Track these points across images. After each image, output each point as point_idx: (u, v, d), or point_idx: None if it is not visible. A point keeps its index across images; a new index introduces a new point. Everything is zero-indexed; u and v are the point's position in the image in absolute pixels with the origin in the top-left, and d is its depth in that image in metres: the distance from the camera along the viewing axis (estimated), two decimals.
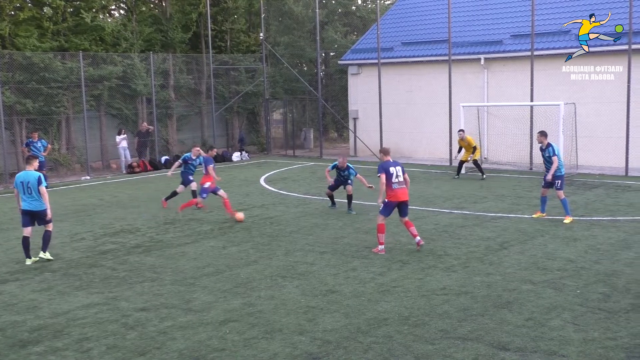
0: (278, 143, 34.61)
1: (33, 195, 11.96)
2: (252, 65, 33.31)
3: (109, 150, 27.94)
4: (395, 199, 11.98)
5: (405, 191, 12.09)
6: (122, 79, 27.55)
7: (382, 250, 12.09)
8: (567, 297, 9.37)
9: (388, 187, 12.00)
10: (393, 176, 11.97)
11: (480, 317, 8.66)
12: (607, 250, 11.96)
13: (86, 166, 25.92)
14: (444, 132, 25.81)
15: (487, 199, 17.70)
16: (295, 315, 8.94)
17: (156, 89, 28.44)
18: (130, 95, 28.48)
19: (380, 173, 12.06)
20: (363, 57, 29.87)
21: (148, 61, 27.82)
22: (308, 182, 22.10)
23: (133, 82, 27.77)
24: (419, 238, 12.20)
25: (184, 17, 31.21)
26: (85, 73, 25.47)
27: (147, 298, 9.93)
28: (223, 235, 14.20)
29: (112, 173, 26.37)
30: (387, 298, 9.57)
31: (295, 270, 11.19)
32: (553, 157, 14.47)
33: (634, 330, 8.06)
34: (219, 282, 10.67)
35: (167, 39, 30.67)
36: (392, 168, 12.04)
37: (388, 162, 12.21)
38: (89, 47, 26.88)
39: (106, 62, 27.01)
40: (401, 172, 12.09)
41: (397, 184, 12.00)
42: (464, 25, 27.43)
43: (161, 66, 29.22)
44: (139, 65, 27.87)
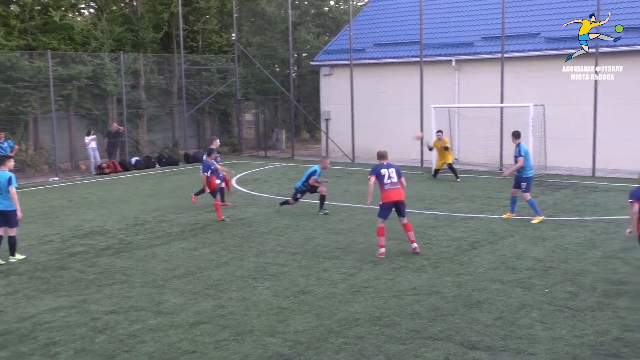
0: (250, 144, 34.52)
1: (3, 195, 11.94)
2: (224, 65, 33.18)
3: (78, 151, 27.62)
4: (388, 200, 11.92)
5: (399, 191, 11.95)
6: (92, 79, 27.23)
7: (382, 254, 11.99)
8: (535, 296, 9.49)
9: (381, 189, 11.99)
10: (385, 177, 11.90)
11: (450, 317, 8.73)
12: (574, 249, 12.14)
13: (54, 167, 25.58)
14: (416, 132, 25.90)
15: (458, 199, 17.85)
16: (267, 317, 8.93)
17: (127, 89, 28.17)
18: (100, 96, 28.17)
19: (370, 175, 12.06)
20: (335, 58, 29.92)
21: (118, 61, 27.55)
22: (280, 183, 22.08)
23: (103, 82, 27.48)
24: (415, 245, 12.13)
25: (155, 17, 30.98)
26: (54, 72, 25.13)
27: (117, 301, 9.83)
28: (194, 236, 14.11)
29: (81, 174, 26.06)
30: (358, 299, 9.60)
31: (266, 272, 11.17)
32: (518, 157, 14.67)
33: (600, 328, 8.20)
34: (190, 283, 10.61)
35: (138, 39, 30.41)
36: (383, 170, 11.98)
37: (381, 164, 12.14)
38: (57, 46, 26.54)
39: (75, 61, 26.68)
40: (395, 173, 11.99)
41: (390, 184, 11.90)
42: (436, 27, 27.64)
43: (132, 66, 28.96)
44: (109, 65, 27.58)
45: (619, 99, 22.41)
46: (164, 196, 19.72)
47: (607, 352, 7.52)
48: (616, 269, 10.82)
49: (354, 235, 13.76)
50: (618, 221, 14.45)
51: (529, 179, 14.73)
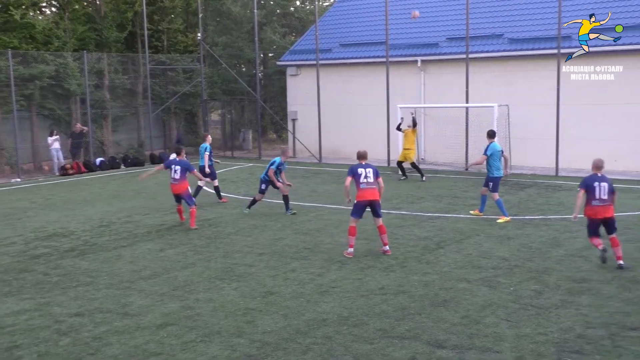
0: (216, 144, 34.29)
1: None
2: (190, 65, 32.93)
3: (41, 151, 27.14)
4: (363, 199, 11.88)
5: (374, 191, 11.89)
6: (55, 79, 26.79)
7: (350, 254, 11.96)
8: (501, 295, 9.61)
9: (357, 188, 11.97)
10: (361, 177, 11.86)
11: (417, 316, 8.80)
12: (538, 248, 12.33)
13: (17, 168, 25.10)
14: (382, 133, 26.09)
15: (424, 199, 17.99)
16: (234, 318, 8.89)
17: (90, 89, 27.79)
18: (63, 95, 27.73)
19: (348, 175, 12.04)
20: (301, 58, 29.94)
21: (82, 60, 27.15)
22: (247, 183, 22.00)
23: (66, 82, 27.05)
24: (387, 248, 12.13)
25: (119, 16, 30.60)
26: (15, 72, 24.66)
27: (81, 303, 9.69)
28: (160, 237, 13.99)
29: (44, 175, 25.63)
30: (326, 299, 9.62)
31: (233, 272, 11.13)
32: (482, 155, 14.96)
33: (564, 326, 8.34)
34: (156, 285, 10.51)
35: (102, 38, 30.01)
36: (360, 169, 11.94)
37: (359, 164, 12.11)
38: (18, 45, 26.05)
39: (37, 61, 26.22)
40: (372, 173, 11.93)
41: (366, 184, 11.87)
42: (401, 27, 27.81)
43: (95, 66, 28.57)
44: (72, 65, 27.16)
45: (581, 99, 22.84)
46: (130, 197, 19.51)
47: (570, 349, 7.65)
48: (579, 267, 11.02)
49: (321, 236, 13.77)
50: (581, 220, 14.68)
51: (496, 179, 14.87)
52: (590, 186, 10.93)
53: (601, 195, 10.88)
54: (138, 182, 16.42)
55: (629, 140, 22.27)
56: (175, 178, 15.01)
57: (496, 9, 26.44)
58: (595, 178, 11.02)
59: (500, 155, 14.91)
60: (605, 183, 10.95)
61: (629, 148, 22.30)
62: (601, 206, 10.90)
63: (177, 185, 15.03)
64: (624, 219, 14.69)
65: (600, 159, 11.27)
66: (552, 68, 22.07)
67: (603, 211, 10.92)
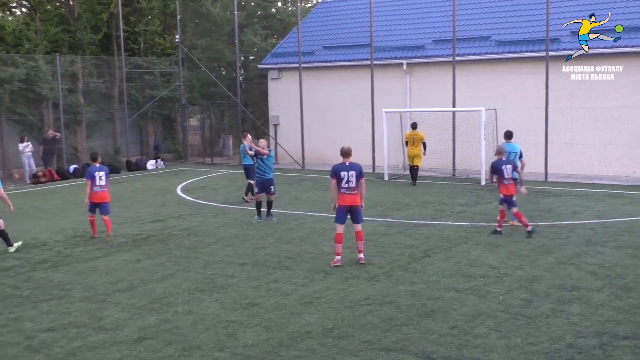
0: (195, 150, 34.21)
1: None
2: (168, 68, 32.84)
3: (11, 158, 26.90)
4: (343, 203, 11.87)
5: (354, 198, 11.87)
6: (25, 82, 26.57)
7: (337, 262, 11.91)
8: (490, 304, 9.66)
9: (338, 192, 11.94)
10: (343, 181, 11.83)
11: (404, 327, 8.81)
12: (528, 255, 12.41)
13: None
14: (367, 138, 26.15)
15: (410, 206, 18.05)
16: (215, 331, 8.85)
17: (64, 93, 27.61)
18: (35, 100, 27.53)
19: (331, 177, 11.99)
20: (283, 61, 29.96)
21: (54, 63, 26.98)
22: (227, 190, 21.95)
23: (38, 86, 26.85)
24: (362, 255, 12.11)
25: (94, 17, 30.47)
26: None
27: (54, 317, 9.60)
28: (137, 248, 13.91)
29: (15, 183, 25.39)
30: (309, 310, 9.60)
31: (214, 284, 11.09)
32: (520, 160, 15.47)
33: (554, 335, 8.40)
34: (133, 297, 10.44)
35: (76, 40, 29.85)
36: (343, 172, 11.86)
37: (342, 164, 11.99)
38: None
39: (7, 63, 26.01)
40: (355, 177, 11.87)
41: (347, 189, 11.84)
42: (386, 29, 27.94)
43: (69, 69, 28.41)
44: (44, 68, 26.97)
45: (570, 104, 23.06)
46: None
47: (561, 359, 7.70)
48: (569, 274, 11.10)
49: (304, 245, 13.76)
50: (570, 226, 14.85)
51: None
52: (499, 169, 14.08)
53: (507, 175, 14.09)
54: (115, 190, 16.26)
55: (618, 145, 22.51)
56: (102, 185, 14.86)
57: (483, 11, 26.66)
58: (501, 162, 14.14)
59: (509, 156, 15.20)
60: (509, 165, 14.20)
61: (620, 153, 22.54)
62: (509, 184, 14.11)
63: (104, 192, 14.92)
64: (614, 225, 14.85)
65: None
66: (541, 71, 22.26)
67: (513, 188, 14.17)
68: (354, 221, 12.08)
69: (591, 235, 13.95)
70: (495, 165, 14.21)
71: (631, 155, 22.38)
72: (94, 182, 14.84)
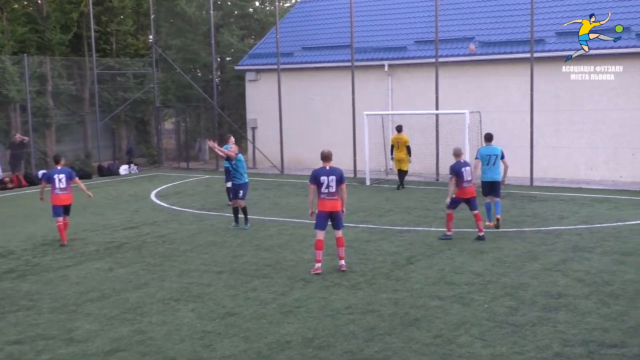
0: (170, 155, 34.06)
1: None
2: (141, 70, 32.68)
3: None
4: (323, 209, 11.89)
5: (335, 203, 11.90)
6: None
7: (318, 270, 11.90)
8: (475, 312, 9.69)
9: (318, 197, 11.94)
10: (323, 186, 11.83)
11: (387, 337, 8.82)
12: (513, 262, 12.48)
13: None
14: (348, 142, 26.18)
15: (393, 211, 18.09)
16: (191, 342, 8.80)
17: (32, 96, 27.37)
18: (1, 103, 27.28)
19: (310, 183, 11.98)
20: (261, 63, 29.94)
21: (22, 64, 26.72)
22: (203, 196, 21.87)
23: (4, 88, 26.60)
24: (343, 262, 12.10)
25: (63, 17, 30.26)
26: None
27: (22, 329, 9.49)
28: (110, 256, 13.80)
29: None
30: (289, 319, 9.58)
31: (190, 293, 11.02)
32: None
33: (541, 344, 8.44)
34: (105, 308, 10.35)
35: (44, 40, 29.62)
36: (323, 177, 11.86)
37: (322, 169, 11.98)
38: None
39: None
40: (335, 182, 11.88)
41: (327, 194, 11.86)
42: (367, 30, 28.03)
43: (37, 70, 28.18)
44: (10, 69, 26.72)
45: (556, 106, 23.27)
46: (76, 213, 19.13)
47: None
48: (556, 281, 11.18)
49: (284, 252, 13.74)
50: (557, 232, 14.96)
51: (481, 183, 16.02)
52: (459, 172, 14.28)
53: (467, 177, 14.37)
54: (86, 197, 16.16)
55: (605, 148, 22.73)
56: (62, 187, 15.09)
57: (467, 11, 26.83)
58: (461, 164, 14.39)
59: (489, 159, 15.92)
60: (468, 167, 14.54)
61: (606, 156, 22.77)
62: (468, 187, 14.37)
63: (66, 195, 15.20)
64: (601, 231, 14.99)
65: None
66: (526, 73, 22.44)
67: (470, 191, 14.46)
68: (334, 227, 12.09)
69: (578, 241, 14.07)
70: (455, 167, 14.39)
71: (617, 159, 22.62)
72: (54, 185, 15.05)
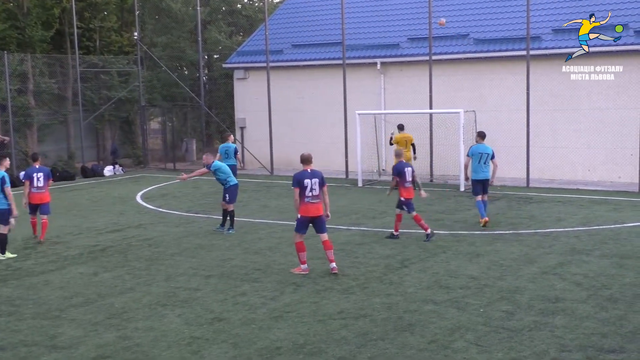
0: (156, 155, 34.00)
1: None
2: (126, 68, 32.59)
3: None
4: (306, 214, 11.96)
5: (318, 206, 11.99)
6: None
7: (305, 270, 12.09)
8: (470, 317, 9.74)
9: (301, 201, 11.99)
10: (307, 189, 11.89)
11: (380, 342, 8.85)
12: (509, 265, 12.54)
13: None
14: (340, 142, 26.22)
15: (386, 213, 18.12)
16: (178, 348, 8.80)
17: (12, 94, 27.25)
18: None
19: (294, 187, 12.02)
20: (250, 60, 29.94)
21: (2, 62, 26.61)
22: (191, 198, 21.85)
23: None
24: (334, 265, 12.15)
25: (45, 13, 30.14)
26: None
27: (3, 335, 9.46)
28: (94, 260, 13.78)
29: None
30: (280, 325, 9.60)
31: (177, 297, 11.02)
32: None
33: (537, 349, 8.49)
34: (89, 313, 10.34)
35: (25, 37, 29.50)
36: (306, 180, 11.93)
37: (304, 172, 12.07)
38: None
39: None
40: (318, 185, 11.97)
41: (311, 197, 11.92)
42: (359, 27, 28.08)
43: (18, 68, 28.05)
44: None
45: (553, 105, 23.38)
46: (59, 215, 19.13)
47: None
48: (553, 285, 11.24)
49: (274, 255, 13.76)
50: (554, 234, 15.04)
51: (472, 181, 16.72)
52: (402, 171, 14.81)
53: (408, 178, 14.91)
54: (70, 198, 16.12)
55: (603, 149, 22.83)
56: (39, 187, 15.80)
57: (461, 7, 26.90)
58: (404, 165, 14.96)
59: (481, 157, 16.52)
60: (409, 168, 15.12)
61: (604, 157, 22.88)
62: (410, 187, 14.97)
63: (42, 194, 15.85)
64: (599, 233, 15.07)
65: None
66: (522, 71, 22.54)
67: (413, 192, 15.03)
68: (318, 231, 12.17)
69: (575, 243, 14.14)
70: (398, 167, 14.84)
71: (616, 160, 22.73)
72: (32, 183, 15.72)
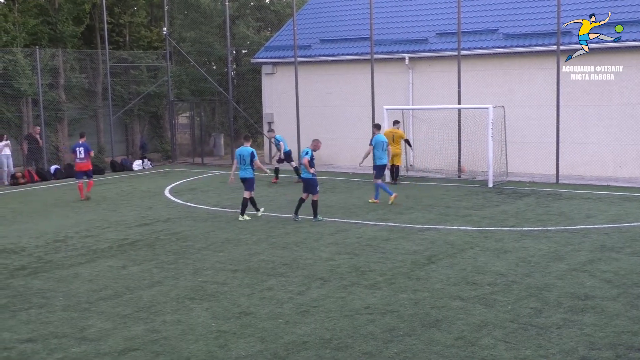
0: (185, 150, 34.20)
1: None
2: (155, 63, 32.82)
3: None
4: None
5: None
6: (3, 77, 26.56)
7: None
8: (498, 314, 9.67)
9: None
10: None
11: (407, 338, 8.82)
12: (538, 262, 12.43)
13: None
14: (367, 137, 26.09)
15: (413, 209, 18.06)
16: (205, 342, 8.86)
17: (44, 89, 27.57)
18: (13, 96, 27.48)
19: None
20: (278, 56, 29.97)
21: (34, 57, 26.94)
22: (218, 192, 21.95)
23: (16, 81, 26.82)
24: None
25: (76, 8, 30.43)
26: None
27: (34, 327, 9.60)
28: (123, 253, 13.91)
29: None
30: (306, 319, 9.61)
31: (204, 291, 11.09)
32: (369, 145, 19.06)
33: (566, 347, 8.41)
34: (118, 306, 10.44)
35: (56, 33, 29.82)
36: None
37: None
38: None
39: None
40: None
41: None
42: (387, 22, 27.96)
43: (49, 63, 28.38)
44: (22, 62, 26.94)
45: (583, 100, 23.09)
46: (89, 209, 19.38)
47: None
48: (582, 282, 11.12)
49: (300, 250, 13.78)
50: (583, 231, 14.87)
51: (378, 167, 19.01)
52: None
53: None
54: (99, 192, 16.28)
55: (634, 145, 22.49)
56: (81, 157, 20.61)
57: (490, 2, 26.66)
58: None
59: (383, 146, 19.01)
60: None
61: (636, 153, 22.54)
62: None
63: (84, 163, 20.69)
64: (630, 230, 14.87)
65: None
66: (552, 66, 22.29)
67: None
68: None
69: (606, 240, 13.98)
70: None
71: None
72: (75, 155, 20.77)
